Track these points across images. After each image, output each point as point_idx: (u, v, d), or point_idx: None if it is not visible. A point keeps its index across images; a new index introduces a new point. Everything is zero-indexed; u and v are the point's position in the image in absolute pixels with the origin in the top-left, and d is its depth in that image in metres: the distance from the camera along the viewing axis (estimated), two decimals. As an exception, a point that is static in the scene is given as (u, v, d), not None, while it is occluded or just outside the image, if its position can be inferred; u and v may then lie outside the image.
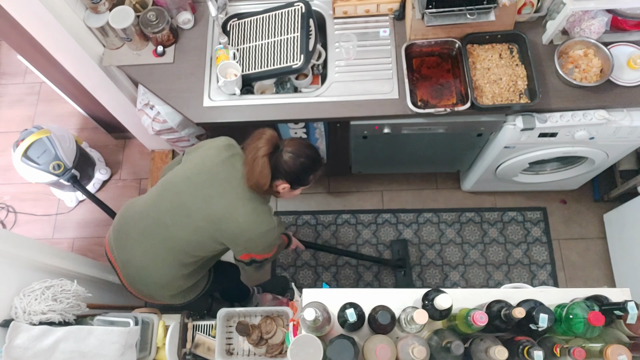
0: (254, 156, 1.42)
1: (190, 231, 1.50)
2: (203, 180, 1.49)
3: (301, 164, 1.46)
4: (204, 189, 1.48)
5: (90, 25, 1.92)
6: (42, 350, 1.41)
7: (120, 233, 1.62)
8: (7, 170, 2.99)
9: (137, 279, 1.61)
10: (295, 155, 1.44)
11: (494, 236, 2.65)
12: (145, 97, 2.17)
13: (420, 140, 2.11)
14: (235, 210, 1.47)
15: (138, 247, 1.56)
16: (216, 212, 1.47)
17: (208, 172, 1.50)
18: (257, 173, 1.42)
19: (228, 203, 1.47)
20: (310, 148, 1.51)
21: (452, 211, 2.70)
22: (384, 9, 1.98)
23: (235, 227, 1.47)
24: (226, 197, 1.47)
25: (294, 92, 2.05)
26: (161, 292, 1.63)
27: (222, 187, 1.48)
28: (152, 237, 1.54)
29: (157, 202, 1.55)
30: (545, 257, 2.59)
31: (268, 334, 1.79)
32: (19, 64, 3.14)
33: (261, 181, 1.43)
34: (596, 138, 1.93)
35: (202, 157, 1.54)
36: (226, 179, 1.48)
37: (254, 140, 1.44)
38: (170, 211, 1.51)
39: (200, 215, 1.48)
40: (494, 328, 1.24)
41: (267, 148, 1.41)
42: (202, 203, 1.47)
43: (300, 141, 1.50)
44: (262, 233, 1.49)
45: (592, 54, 1.84)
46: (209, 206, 1.47)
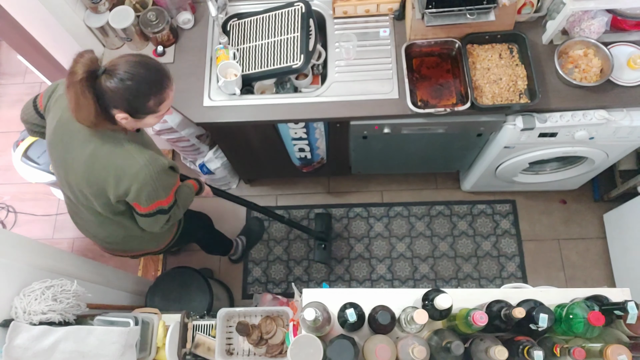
0: (70, 83, 1.20)
1: (86, 199, 1.46)
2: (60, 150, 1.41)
3: (128, 89, 1.23)
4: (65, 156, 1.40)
5: (90, 25, 1.92)
6: (42, 350, 1.41)
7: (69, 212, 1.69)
8: (7, 170, 2.99)
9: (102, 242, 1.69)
10: (119, 79, 1.22)
11: (463, 229, 2.68)
12: (145, 97, 2.16)
13: (420, 140, 2.11)
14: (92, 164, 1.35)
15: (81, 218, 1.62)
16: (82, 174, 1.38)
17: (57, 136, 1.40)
18: (82, 105, 1.22)
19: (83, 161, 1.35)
20: (142, 66, 1.26)
21: (422, 204, 2.74)
22: (384, 9, 1.98)
23: (100, 178, 1.35)
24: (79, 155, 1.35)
25: (294, 92, 2.05)
26: (130, 244, 1.68)
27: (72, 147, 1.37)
28: (79, 208, 1.57)
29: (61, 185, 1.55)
30: (514, 249, 2.62)
31: (268, 334, 1.79)
32: (19, 64, 3.14)
33: (87, 113, 1.23)
34: (596, 138, 1.93)
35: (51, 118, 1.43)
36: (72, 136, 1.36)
37: (71, 66, 1.21)
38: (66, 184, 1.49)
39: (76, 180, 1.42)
40: (494, 328, 1.24)
41: (83, 73, 1.19)
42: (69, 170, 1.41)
43: (131, 58, 1.26)
44: (138, 171, 1.33)
45: (592, 54, 1.84)
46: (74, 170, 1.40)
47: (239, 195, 2.80)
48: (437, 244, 2.66)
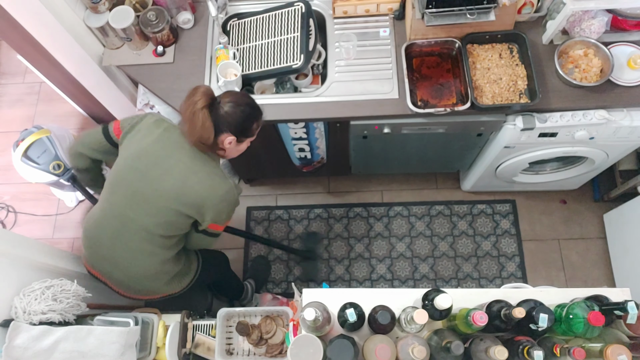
0: (192, 110, 1.39)
1: (155, 214, 1.50)
2: (146, 164, 1.49)
3: (242, 112, 1.44)
4: (150, 171, 1.48)
5: (90, 25, 1.92)
6: (42, 350, 1.41)
7: (93, 246, 1.62)
8: (7, 170, 2.99)
9: (128, 281, 1.62)
10: (235, 104, 1.44)
11: (463, 229, 2.67)
12: (145, 97, 2.16)
13: (420, 140, 2.11)
14: (189, 179, 1.47)
15: (115, 251, 1.57)
16: (172, 188, 1.47)
17: (147, 154, 1.50)
18: (199, 127, 1.40)
19: (179, 175, 1.47)
20: (247, 97, 1.50)
21: (422, 204, 2.73)
22: (384, 8, 1.98)
23: (195, 195, 1.47)
24: (176, 171, 1.47)
25: (294, 92, 2.05)
26: (156, 284, 1.64)
27: (167, 163, 1.48)
28: (123, 235, 1.54)
29: (111, 201, 1.55)
30: (514, 249, 2.62)
31: (268, 333, 1.79)
32: (19, 64, 3.14)
33: (204, 135, 1.41)
34: (596, 138, 1.93)
35: (137, 142, 1.53)
36: (168, 155, 1.49)
37: (189, 97, 1.42)
38: (128, 204, 1.51)
39: (157, 196, 1.48)
40: (494, 328, 1.24)
41: (205, 100, 1.39)
42: (154, 184, 1.48)
43: (236, 92, 1.50)
44: (223, 195, 1.49)
45: (592, 53, 1.84)
46: (162, 184, 1.47)
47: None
48: (437, 244, 2.66)
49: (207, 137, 1.42)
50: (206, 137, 1.42)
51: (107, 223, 1.56)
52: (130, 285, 1.63)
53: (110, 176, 1.57)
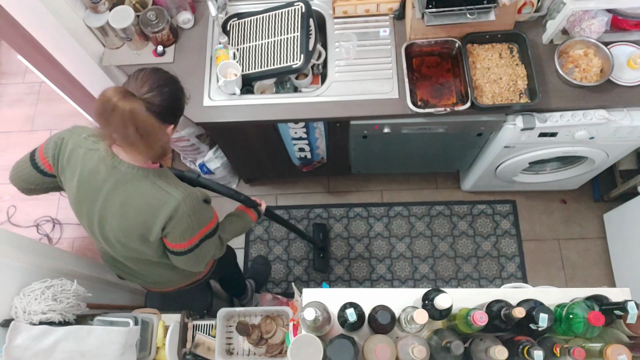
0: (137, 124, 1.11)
1: (126, 252, 1.40)
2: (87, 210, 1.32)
3: (170, 95, 1.20)
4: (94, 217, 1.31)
5: (90, 25, 1.92)
6: (42, 350, 1.41)
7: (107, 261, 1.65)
8: (7, 170, 2.98)
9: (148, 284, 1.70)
10: (157, 89, 1.17)
11: (463, 229, 2.67)
12: (145, 97, 2.16)
13: (420, 140, 2.11)
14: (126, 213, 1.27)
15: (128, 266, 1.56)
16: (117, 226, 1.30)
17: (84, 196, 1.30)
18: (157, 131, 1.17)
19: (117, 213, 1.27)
20: (160, 73, 1.23)
21: (422, 204, 2.73)
22: (384, 8, 1.98)
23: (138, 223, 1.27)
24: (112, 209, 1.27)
25: (294, 91, 2.05)
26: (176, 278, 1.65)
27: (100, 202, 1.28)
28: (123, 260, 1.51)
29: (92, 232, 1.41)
30: (514, 249, 2.62)
31: (268, 333, 1.79)
32: (19, 64, 3.14)
33: (163, 138, 1.20)
34: (596, 138, 1.93)
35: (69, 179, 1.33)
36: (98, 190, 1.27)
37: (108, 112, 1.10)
38: (102, 245, 1.43)
39: (111, 235, 1.33)
40: (494, 328, 1.24)
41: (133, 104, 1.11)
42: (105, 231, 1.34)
43: (144, 73, 1.21)
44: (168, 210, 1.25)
45: (592, 53, 1.84)
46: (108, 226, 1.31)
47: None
48: (437, 244, 2.66)
49: (165, 142, 1.22)
50: (164, 142, 1.21)
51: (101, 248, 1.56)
52: (152, 285, 1.69)
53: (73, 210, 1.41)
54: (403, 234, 2.68)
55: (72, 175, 1.32)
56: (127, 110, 1.10)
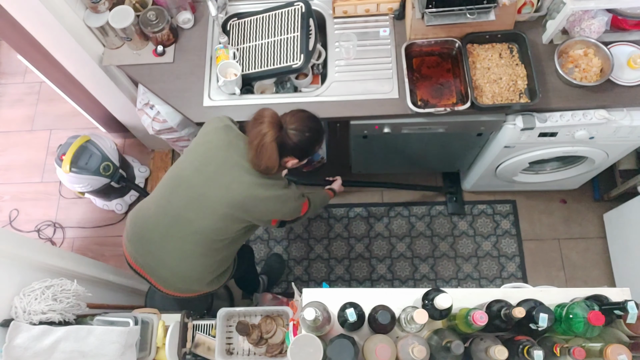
0: (260, 142, 1.41)
1: (216, 220, 1.51)
2: (214, 170, 1.49)
3: (307, 139, 1.47)
4: (218, 177, 1.49)
5: (90, 25, 1.92)
6: (42, 350, 1.41)
7: (140, 240, 1.63)
8: (7, 170, 2.99)
9: (172, 279, 1.64)
10: (300, 131, 1.46)
11: (464, 229, 2.67)
12: (145, 97, 2.16)
13: (420, 140, 2.11)
14: (255, 192, 1.48)
15: (165, 249, 1.58)
16: (239, 196, 1.48)
17: (215, 159, 1.50)
18: (266, 159, 1.43)
19: (248, 186, 1.47)
20: (312, 120, 1.51)
21: (422, 204, 2.73)
22: (383, 8, 1.98)
23: (259, 208, 1.50)
24: (244, 181, 1.48)
25: (294, 91, 2.05)
26: (198, 283, 1.66)
27: (235, 171, 1.48)
28: (177, 235, 1.55)
29: (171, 200, 1.55)
30: (514, 249, 2.62)
31: (268, 333, 1.79)
32: (19, 64, 3.14)
33: (270, 165, 1.44)
34: (596, 138, 1.93)
35: (205, 145, 1.55)
36: (237, 163, 1.49)
37: (257, 125, 1.43)
38: (189, 205, 1.51)
39: (223, 203, 1.49)
40: (494, 328, 1.24)
41: (274, 132, 1.41)
42: (221, 191, 1.48)
43: (301, 114, 1.50)
44: (283, 204, 1.54)
45: (592, 53, 1.84)
46: (230, 192, 1.48)
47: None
48: (438, 244, 2.66)
49: (272, 168, 1.45)
50: (271, 167, 1.45)
51: (162, 220, 1.57)
52: (174, 283, 1.65)
53: (172, 175, 1.58)
54: (403, 234, 2.68)
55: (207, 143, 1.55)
56: (265, 131, 1.41)
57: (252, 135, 1.44)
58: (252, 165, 1.47)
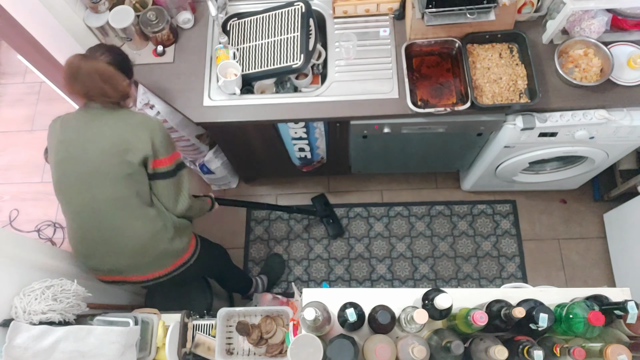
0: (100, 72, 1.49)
1: (106, 180, 1.54)
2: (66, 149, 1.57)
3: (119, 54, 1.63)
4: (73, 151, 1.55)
5: (90, 25, 1.92)
6: (42, 350, 1.41)
7: (90, 255, 1.68)
8: (7, 170, 2.99)
9: (135, 261, 1.65)
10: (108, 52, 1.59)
11: (463, 229, 2.67)
12: (145, 97, 2.16)
13: (420, 140, 2.11)
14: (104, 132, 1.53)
15: (108, 240, 1.60)
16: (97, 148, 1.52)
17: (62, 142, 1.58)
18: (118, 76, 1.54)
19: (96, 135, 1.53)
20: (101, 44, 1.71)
21: (422, 204, 2.73)
22: (383, 8, 1.98)
23: (115, 137, 1.53)
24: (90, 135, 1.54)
25: (294, 91, 2.05)
26: (156, 247, 1.65)
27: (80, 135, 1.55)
28: (102, 221, 1.58)
29: (70, 202, 1.61)
30: (514, 249, 2.62)
31: (268, 333, 1.79)
32: (19, 64, 3.14)
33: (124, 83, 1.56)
34: (596, 138, 1.93)
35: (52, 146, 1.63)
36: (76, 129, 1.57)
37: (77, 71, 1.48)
38: (81, 192, 1.56)
39: (93, 164, 1.53)
40: (494, 328, 1.24)
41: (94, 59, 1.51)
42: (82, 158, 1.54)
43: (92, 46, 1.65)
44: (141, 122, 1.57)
45: (592, 53, 1.84)
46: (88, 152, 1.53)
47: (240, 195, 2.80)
48: (437, 244, 2.66)
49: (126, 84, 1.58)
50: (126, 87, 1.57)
51: (82, 224, 1.61)
52: (140, 264, 1.66)
53: (54, 187, 1.63)
54: (403, 234, 2.68)
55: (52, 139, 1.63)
56: (90, 66, 1.48)
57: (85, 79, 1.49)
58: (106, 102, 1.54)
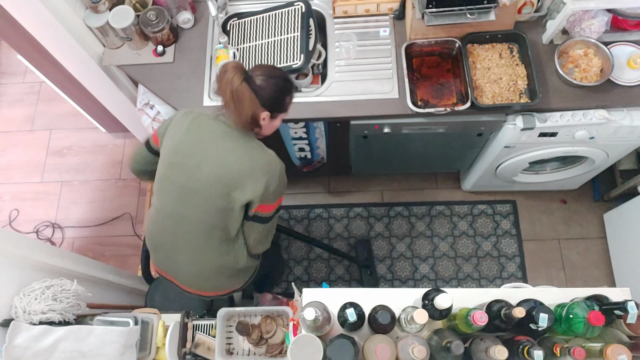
0: (232, 88, 1.36)
1: (204, 205, 1.48)
2: (182, 156, 1.48)
3: (275, 85, 1.41)
4: (188, 162, 1.46)
5: (90, 25, 1.92)
6: (42, 350, 1.41)
7: (156, 248, 1.66)
8: (7, 170, 2.99)
9: (192, 278, 1.65)
10: (266, 76, 1.40)
11: (464, 229, 2.68)
12: (146, 97, 2.16)
13: (420, 140, 2.11)
14: (226, 158, 1.44)
15: (177, 250, 1.59)
16: (212, 171, 1.44)
17: (181, 146, 1.48)
18: (248, 103, 1.37)
19: (217, 157, 1.44)
20: (277, 69, 1.47)
21: (423, 204, 2.73)
22: (384, 8, 1.98)
23: (235, 172, 1.43)
24: (212, 154, 1.45)
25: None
26: (217, 278, 1.65)
27: (201, 149, 1.46)
28: (181, 233, 1.55)
29: (162, 201, 1.56)
30: (514, 250, 2.62)
31: (268, 333, 1.79)
32: (19, 64, 3.14)
33: (255, 111, 1.39)
34: (596, 138, 1.93)
35: (170, 139, 1.52)
36: (200, 141, 1.46)
37: (222, 77, 1.38)
38: (177, 200, 1.51)
39: (201, 185, 1.46)
40: (494, 328, 1.24)
41: (240, 75, 1.36)
42: (195, 174, 1.46)
43: (265, 65, 1.50)
44: (263, 167, 1.45)
45: (592, 53, 1.84)
46: (202, 172, 1.45)
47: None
48: (438, 244, 2.66)
49: (256, 112, 1.39)
50: (255, 111, 1.39)
51: (162, 224, 1.58)
52: (196, 282, 1.66)
53: (156, 178, 1.58)
54: (403, 234, 2.68)
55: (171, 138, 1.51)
56: (230, 76, 1.35)
57: (222, 90, 1.39)
58: (236, 121, 1.42)
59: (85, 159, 2.99)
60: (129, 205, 2.86)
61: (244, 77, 1.37)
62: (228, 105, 1.41)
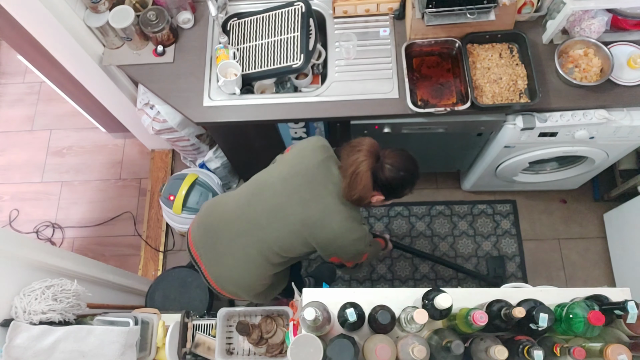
0: (355, 170, 1.37)
1: (285, 233, 1.49)
2: (300, 183, 1.47)
3: (401, 178, 1.42)
4: (301, 191, 1.47)
5: (90, 25, 1.92)
6: (42, 350, 1.41)
7: (209, 231, 1.63)
8: (6, 170, 2.99)
9: (225, 279, 1.64)
10: (396, 168, 1.40)
11: (464, 229, 2.67)
12: (145, 97, 2.17)
13: (420, 140, 2.11)
14: (330, 216, 1.45)
15: (230, 249, 1.58)
16: (312, 216, 1.45)
17: (304, 174, 1.48)
18: (360, 189, 1.38)
19: (324, 208, 1.45)
20: (411, 161, 1.46)
21: (423, 204, 2.73)
22: (384, 8, 1.98)
23: (329, 233, 1.46)
24: (322, 202, 1.45)
25: (294, 91, 2.05)
26: (247, 291, 1.65)
27: (318, 191, 1.46)
28: (245, 238, 1.54)
29: (251, 202, 1.55)
30: (514, 249, 2.62)
31: (268, 333, 1.79)
32: (19, 64, 3.14)
33: (363, 196, 1.40)
34: (596, 137, 1.93)
35: (298, 158, 1.53)
36: (322, 183, 1.46)
37: (354, 152, 1.39)
38: (266, 212, 1.50)
39: (296, 218, 1.47)
40: (494, 327, 1.24)
41: (370, 162, 1.37)
42: (298, 206, 1.46)
43: (401, 152, 1.45)
44: (353, 241, 1.49)
45: (592, 53, 1.84)
46: (305, 210, 1.46)
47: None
48: (438, 244, 2.66)
49: (364, 198, 1.41)
50: (364, 197, 1.41)
51: (236, 220, 1.57)
52: (223, 283, 1.65)
53: (259, 179, 1.58)
54: (403, 234, 2.68)
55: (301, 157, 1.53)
56: (361, 159, 1.37)
57: (347, 163, 1.40)
58: (343, 192, 1.43)
59: (85, 159, 2.99)
60: (129, 205, 2.86)
61: (373, 167, 1.37)
62: (345, 176, 1.42)
